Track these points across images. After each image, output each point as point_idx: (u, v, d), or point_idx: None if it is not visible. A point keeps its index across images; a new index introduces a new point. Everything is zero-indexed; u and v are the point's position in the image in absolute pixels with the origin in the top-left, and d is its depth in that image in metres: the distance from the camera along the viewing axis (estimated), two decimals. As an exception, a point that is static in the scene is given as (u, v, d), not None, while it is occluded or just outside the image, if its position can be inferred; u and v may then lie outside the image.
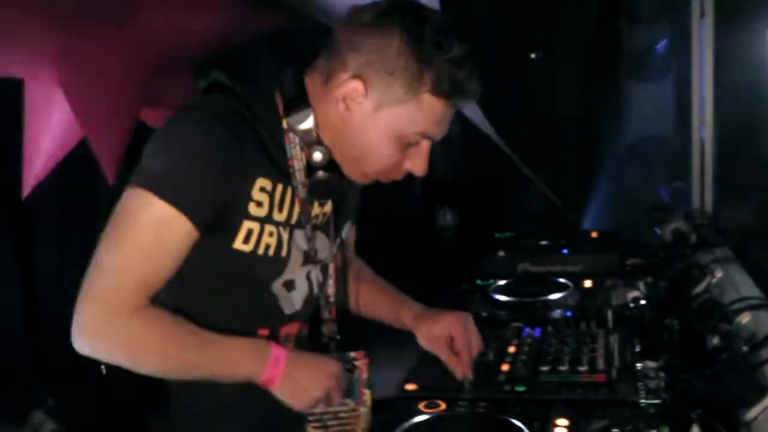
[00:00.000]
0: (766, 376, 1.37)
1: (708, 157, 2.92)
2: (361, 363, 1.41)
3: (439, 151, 1.45)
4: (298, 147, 1.30)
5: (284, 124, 1.29)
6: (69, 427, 3.22)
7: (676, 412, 1.27)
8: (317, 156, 1.28)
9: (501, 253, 2.38)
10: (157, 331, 1.19)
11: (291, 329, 1.42)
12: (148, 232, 1.16)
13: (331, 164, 1.30)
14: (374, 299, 1.64)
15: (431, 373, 1.53)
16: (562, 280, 2.09)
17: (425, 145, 1.31)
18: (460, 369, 1.47)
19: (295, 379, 1.26)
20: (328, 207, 1.41)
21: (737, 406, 1.35)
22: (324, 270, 1.43)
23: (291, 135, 1.29)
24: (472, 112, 3.46)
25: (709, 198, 2.96)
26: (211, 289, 1.31)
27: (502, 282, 2.16)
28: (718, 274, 2.03)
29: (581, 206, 3.71)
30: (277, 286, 1.35)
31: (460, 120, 3.61)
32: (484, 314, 1.94)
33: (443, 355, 1.50)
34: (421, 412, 1.37)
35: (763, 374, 1.38)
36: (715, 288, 1.96)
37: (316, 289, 1.43)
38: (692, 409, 1.27)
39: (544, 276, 2.22)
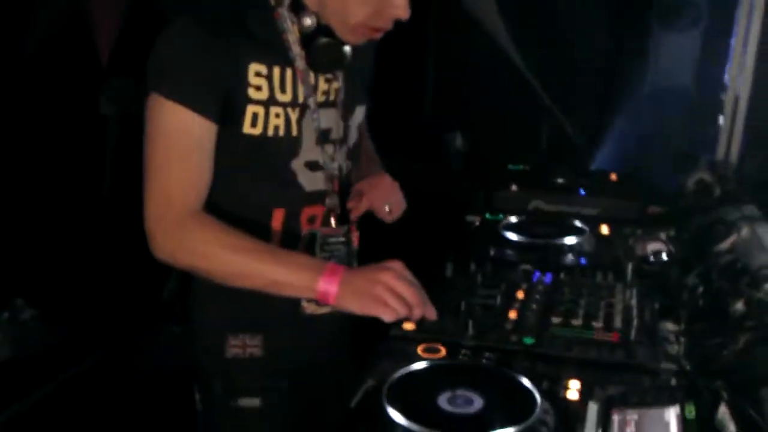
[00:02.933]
0: (799, 354, 1.26)
1: (741, 106, 2.76)
2: (354, 235, 1.52)
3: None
4: (288, 21, 1.35)
5: (271, 2, 1.35)
6: (45, 314, 3.24)
7: (698, 386, 1.15)
8: (307, 21, 1.34)
9: (514, 188, 2.24)
10: (213, 237, 1.28)
11: (315, 211, 1.47)
12: (172, 137, 1.27)
13: (324, 31, 1.35)
14: (360, 173, 1.68)
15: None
16: (577, 223, 1.96)
17: None
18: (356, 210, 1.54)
19: (353, 285, 1.25)
20: (337, 83, 1.46)
21: (763, 383, 1.25)
22: (336, 146, 1.48)
23: (280, 10, 1.35)
24: (498, 32, 3.27)
25: (736, 149, 2.81)
26: (227, 174, 1.36)
27: (513, 219, 2.02)
28: (745, 232, 1.90)
29: (596, 144, 3.56)
30: (296, 165, 1.41)
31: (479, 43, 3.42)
32: (492, 253, 1.80)
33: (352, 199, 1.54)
34: (420, 357, 1.25)
35: (795, 351, 1.27)
36: (740, 247, 1.83)
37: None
38: (714, 381, 1.17)
39: (558, 216, 2.08)
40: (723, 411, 1.07)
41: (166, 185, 1.28)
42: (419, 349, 1.29)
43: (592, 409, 1.08)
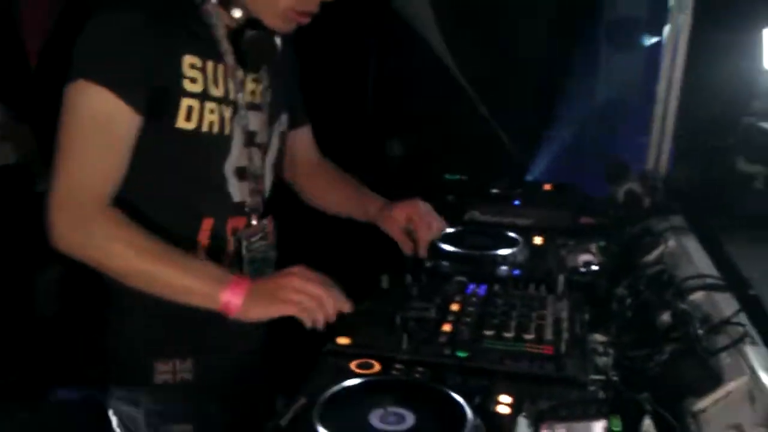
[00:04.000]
0: (721, 365, 1.30)
1: (670, 118, 2.84)
2: (269, 229, 1.52)
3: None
4: (215, 16, 1.33)
5: None
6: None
7: (625, 398, 1.18)
8: (236, 13, 1.33)
9: (450, 198, 2.26)
10: (118, 235, 1.22)
11: (238, 223, 1.45)
12: (92, 124, 1.21)
13: (252, 25, 1.34)
14: (343, 196, 1.73)
15: (366, 325, 1.41)
16: (512, 234, 1.98)
17: None
18: (408, 246, 1.58)
19: (257, 294, 1.24)
20: (261, 86, 1.45)
21: (687, 394, 1.29)
22: (262, 150, 1.46)
23: (206, 6, 1.33)
24: (436, 41, 3.30)
25: (665, 160, 2.90)
26: (158, 177, 1.34)
27: (448, 230, 2.03)
28: (672, 243, 1.96)
29: (534, 155, 3.62)
30: (228, 170, 1.39)
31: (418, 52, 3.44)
32: (427, 264, 1.81)
33: (395, 234, 1.56)
34: (353, 374, 1.25)
35: (717, 362, 1.31)
36: (668, 258, 1.89)
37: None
38: (638, 393, 1.19)
39: (493, 227, 2.11)
40: (647, 423, 1.09)
41: (78, 172, 1.22)
42: (353, 365, 1.29)
43: (522, 423, 1.09)
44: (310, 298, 1.24)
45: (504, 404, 1.16)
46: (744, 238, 1.96)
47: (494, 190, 2.37)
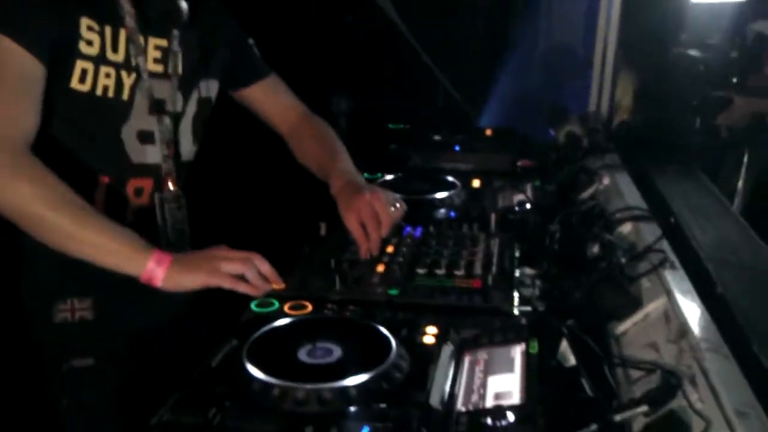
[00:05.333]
0: (641, 290, 1.35)
1: (609, 58, 2.88)
2: (183, 202, 1.53)
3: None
4: None
5: None
6: None
7: (547, 324, 1.22)
8: None
9: (392, 146, 2.28)
10: (45, 181, 1.20)
11: (142, 183, 1.46)
12: (3, 73, 1.22)
13: None
14: (314, 159, 1.70)
15: (301, 270, 1.44)
16: (450, 178, 2.01)
17: None
18: (364, 249, 1.49)
19: (183, 263, 1.26)
20: (170, 50, 1.43)
21: (609, 319, 1.34)
22: (173, 117, 1.47)
23: None
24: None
25: (606, 100, 2.94)
26: (54, 134, 1.33)
27: (389, 177, 2.05)
28: (606, 180, 2.00)
29: (480, 102, 3.63)
30: (127, 133, 1.40)
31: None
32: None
33: (353, 232, 1.50)
34: (285, 314, 1.27)
35: (638, 287, 1.36)
36: (601, 195, 1.93)
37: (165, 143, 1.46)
38: (564, 320, 1.24)
39: (433, 173, 2.13)
40: (565, 345, 1.13)
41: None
42: (285, 307, 1.31)
43: (446, 351, 1.13)
44: (239, 265, 1.27)
45: (430, 335, 1.19)
46: (675, 172, 2.02)
47: (436, 137, 2.39)
